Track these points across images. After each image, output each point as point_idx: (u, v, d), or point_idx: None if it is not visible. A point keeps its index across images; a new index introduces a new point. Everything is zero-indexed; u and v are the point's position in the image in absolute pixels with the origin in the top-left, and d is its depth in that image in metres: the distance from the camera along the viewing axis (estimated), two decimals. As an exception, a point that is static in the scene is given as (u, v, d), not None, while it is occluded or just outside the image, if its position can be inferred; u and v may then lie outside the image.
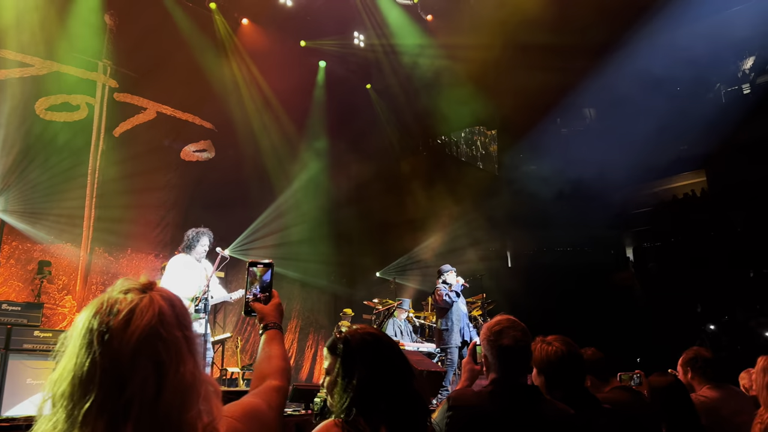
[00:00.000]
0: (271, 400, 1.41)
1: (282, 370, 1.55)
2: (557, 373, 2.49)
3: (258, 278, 1.77)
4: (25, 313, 6.36)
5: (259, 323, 1.72)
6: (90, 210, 9.02)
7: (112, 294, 1.11)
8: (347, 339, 1.76)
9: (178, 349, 1.08)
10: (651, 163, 16.25)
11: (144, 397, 1.01)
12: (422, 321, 10.47)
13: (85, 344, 1.04)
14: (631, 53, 13.22)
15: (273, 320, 1.71)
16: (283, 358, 1.60)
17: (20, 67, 8.42)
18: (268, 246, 11.06)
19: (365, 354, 1.72)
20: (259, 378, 1.51)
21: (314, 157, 12.33)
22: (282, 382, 1.50)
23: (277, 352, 1.60)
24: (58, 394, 1.03)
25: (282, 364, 1.57)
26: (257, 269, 1.78)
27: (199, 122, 10.77)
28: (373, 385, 1.65)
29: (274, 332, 1.68)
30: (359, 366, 1.68)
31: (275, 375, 1.51)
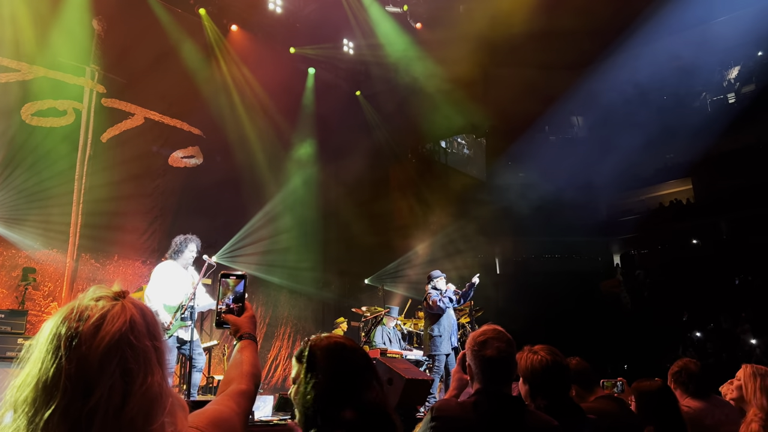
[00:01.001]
0: (237, 403, 1.40)
1: (249, 374, 1.54)
2: (542, 382, 2.50)
3: (231, 289, 1.75)
4: (8, 320, 6.31)
5: (233, 335, 1.70)
6: (77, 216, 8.95)
7: (82, 301, 1.09)
8: (312, 347, 1.74)
9: (147, 358, 1.07)
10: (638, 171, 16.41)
11: (109, 405, 0.99)
12: (410, 329, 10.46)
13: (52, 349, 1.01)
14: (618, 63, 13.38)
15: (247, 331, 1.70)
16: (252, 364, 1.59)
17: (5, 72, 8.35)
18: (256, 253, 11.03)
19: (328, 362, 1.69)
20: (226, 383, 1.50)
21: (303, 164, 12.33)
22: (248, 386, 1.49)
23: (248, 359, 1.59)
24: (20, 400, 1.01)
25: (250, 369, 1.56)
26: (230, 280, 1.76)
27: (187, 128, 10.73)
28: (332, 395, 1.63)
29: (247, 342, 1.67)
30: (320, 374, 1.66)
31: (241, 379, 1.50)
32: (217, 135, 10.82)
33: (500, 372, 2.27)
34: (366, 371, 1.73)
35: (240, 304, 1.74)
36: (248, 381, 1.51)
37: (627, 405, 3.06)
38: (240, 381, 1.49)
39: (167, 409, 1.08)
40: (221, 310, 1.73)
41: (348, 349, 1.76)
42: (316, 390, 1.63)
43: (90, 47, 9.36)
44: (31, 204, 8.37)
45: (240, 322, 1.71)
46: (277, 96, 11.61)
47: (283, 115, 11.96)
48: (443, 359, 7.76)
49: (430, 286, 8.10)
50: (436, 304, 7.79)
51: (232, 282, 1.76)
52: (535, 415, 2.28)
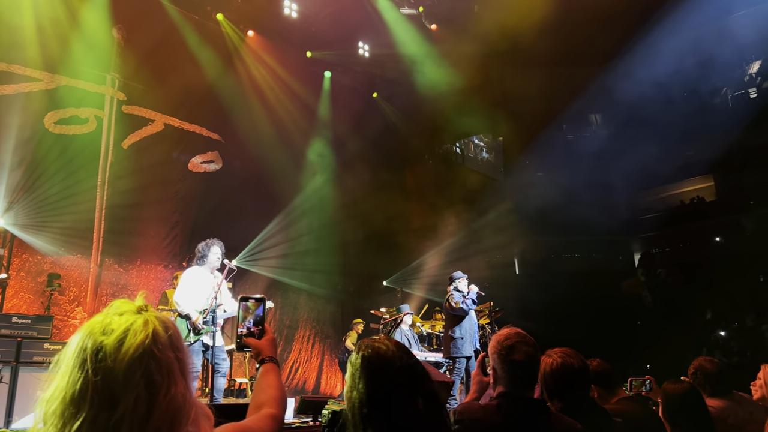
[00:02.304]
0: (268, 425, 1.43)
1: (278, 399, 1.57)
2: (554, 385, 2.50)
3: (251, 312, 1.77)
4: (35, 325, 6.40)
5: (255, 358, 1.73)
6: (99, 222, 9.09)
7: (106, 315, 1.12)
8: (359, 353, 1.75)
9: (171, 369, 1.09)
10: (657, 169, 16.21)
11: (135, 416, 1.02)
12: (429, 330, 10.45)
13: (79, 363, 1.05)
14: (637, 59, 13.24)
15: (269, 354, 1.72)
16: (279, 388, 1.61)
17: (29, 82, 8.52)
18: (275, 256, 11.12)
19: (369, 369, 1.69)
20: (256, 408, 1.52)
21: (320, 167, 12.39)
22: (278, 411, 1.52)
23: (274, 383, 1.62)
24: (49, 413, 1.04)
25: (278, 393, 1.59)
26: (250, 304, 1.78)
27: (206, 133, 10.84)
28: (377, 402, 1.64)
29: (270, 365, 1.69)
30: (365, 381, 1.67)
31: (270, 403, 1.53)
32: (236, 140, 10.92)
33: (527, 376, 2.27)
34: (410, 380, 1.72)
35: (260, 327, 1.76)
36: (278, 406, 1.54)
37: (650, 406, 3.03)
38: (270, 405, 1.52)
39: (191, 419, 1.11)
40: (242, 333, 1.75)
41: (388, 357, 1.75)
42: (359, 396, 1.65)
43: (110, 56, 9.52)
44: (56, 211, 8.53)
45: (261, 345, 1.73)
46: (293, 100, 11.69)
47: (300, 119, 12.03)
48: (464, 362, 7.73)
49: (452, 288, 8.06)
50: (459, 306, 7.75)
51: (252, 305, 1.78)
52: (558, 418, 2.27)
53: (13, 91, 8.32)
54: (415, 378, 1.74)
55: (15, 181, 8.11)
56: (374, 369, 1.69)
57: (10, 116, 8.09)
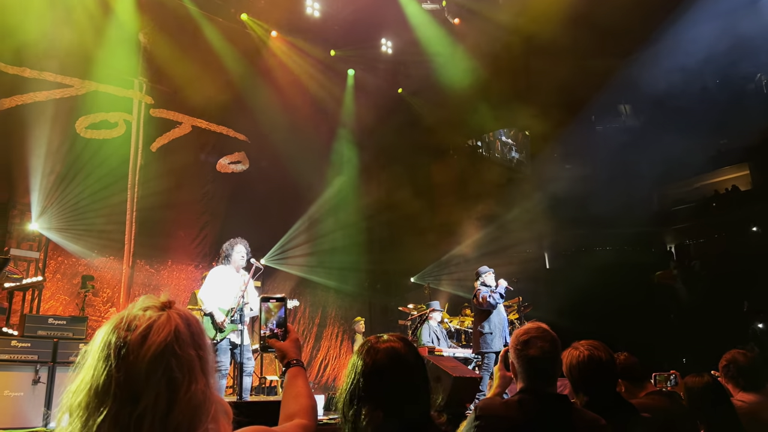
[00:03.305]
0: None
1: (309, 408, 1.55)
2: (580, 378, 2.47)
3: (273, 313, 1.74)
4: (70, 326, 6.53)
5: (280, 360, 1.71)
6: (131, 224, 9.28)
7: (131, 311, 1.14)
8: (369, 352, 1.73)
9: (191, 367, 1.10)
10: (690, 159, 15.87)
11: (155, 412, 1.04)
12: (457, 326, 10.41)
13: (103, 357, 1.07)
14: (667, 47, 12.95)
15: (294, 357, 1.70)
16: (309, 396, 1.60)
17: (60, 88, 8.73)
18: (302, 254, 11.20)
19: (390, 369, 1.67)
20: (287, 417, 1.51)
21: (345, 165, 12.43)
22: (309, 421, 1.51)
23: (303, 390, 1.60)
24: (75, 405, 1.06)
25: (308, 402, 1.57)
26: (271, 305, 1.75)
27: (233, 134, 10.97)
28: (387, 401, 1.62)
29: (297, 369, 1.67)
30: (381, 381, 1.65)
31: (302, 413, 1.52)
32: (262, 140, 11.02)
33: (544, 371, 2.25)
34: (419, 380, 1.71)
35: (283, 329, 1.74)
36: (310, 416, 1.53)
37: (679, 400, 2.96)
38: (302, 416, 1.51)
39: (211, 416, 1.11)
40: (265, 335, 1.73)
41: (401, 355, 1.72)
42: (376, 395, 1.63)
43: (137, 60, 9.70)
44: (88, 214, 8.73)
45: (286, 347, 1.71)
46: (318, 98, 11.74)
47: (324, 117, 12.09)
48: (493, 357, 7.67)
49: (479, 283, 8.01)
50: (486, 300, 7.69)
51: (273, 306, 1.75)
52: (581, 413, 2.24)
53: (45, 98, 8.53)
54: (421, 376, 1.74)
55: (48, 186, 8.32)
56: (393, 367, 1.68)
57: (43, 122, 8.30)
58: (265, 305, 1.74)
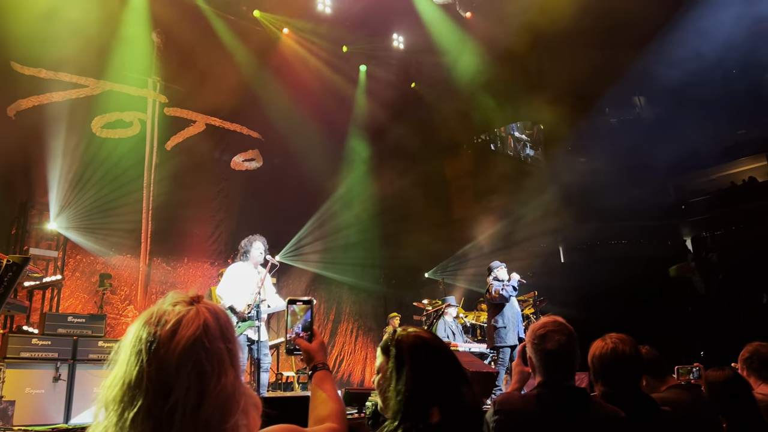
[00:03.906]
0: None
1: (339, 412, 1.56)
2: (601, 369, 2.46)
3: (299, 316, 1.74)
4: (89, 324, 6.61)
5: (306, 363, 1.71)
6: (147, 222, 9.37)
7: (161, 306, 1.16)
8: (399, 340, 1.75)
9: (221, 360, 1.12)
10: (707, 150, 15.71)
11: (187, 404, 1.05)
12: (473, 321, 10.40)
13: (135, 352, 1.09)
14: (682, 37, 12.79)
15: (321, 360, 1.70)
16: (338, 400, 1.60)
17: (76, 89, 8.82)
18: (317, 251, 11.24)
19: (416, 357, 1.69)
20: (317, 421, 1.51)
21: (359, 161, 12.44)
22: (340, 425, 1.51)
23: (332, 394, 1.60)
24: (109, 399, 1.09)
25: (338, 406, 1.57)
26: (297, 307, 1.75)
27: (246, 132, 11.02)
28: (424, 389, 1.63)
29: (324, 372, 1.67)
30: (409, 369, 1.66)
31: (332, 417, 1.52)
32: (275, 137, 11.06)
33: (561, 365, 2.24)
34: (457, 365, 1.73)
35: (309, 332, 1.73)
36: (341, 421, 1.53)
37: (701, 394, 2.94)
38: (333, 420, 1.51)
39: (241, 408, 1.13)
40: (291, 338, 1.73)
41: (435, 344, 1.76)
42: (408, 384, 1.63)
43: (151, 59, 9.76)
44: (105, 212, 8.83)
45: (313, 350, 1.71)
46: (330, 95, 11.75)
47: (337, 114, 12.09)
48: (508, 351, 7.66)
49: (491, 278, 8.00)
50: (499, 294, 7.67)
51: (299, 309, 1.75)
52: (600, 406, 2.24)
53: (62, 98, 8.63)
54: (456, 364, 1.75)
55: (66, 185, 8.42)
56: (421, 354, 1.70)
57: (60, 122, 8.39)
58: (291, 308, 1.74)
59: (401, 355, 1.70)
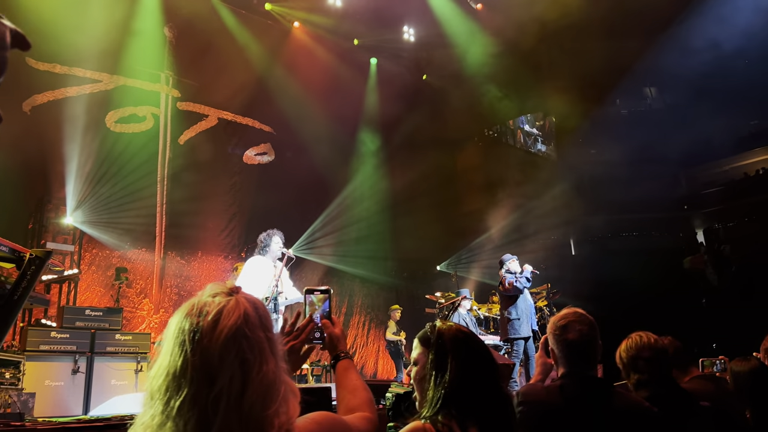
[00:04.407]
0: (364, 427, 1.42)
1: (368, 400, 1.55)
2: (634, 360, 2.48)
3: (317, 307, 1.72)
4: (106, 317, 6.66)
5: (330, 352, 1.70)
6: (161, 216, 9.44)
7: (201, 298, 1.18)
8: (440, 331, 1.74)
9: (261, 348, 1.15)
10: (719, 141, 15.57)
11: (231, 392, 1.08)
12: (485, 313, 10.41)
13: (178, 343, 1.12)
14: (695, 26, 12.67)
15: (343, 349, 1.69)
16: (366, 389, 1.59)
17: (90, 84, 8.88)
18: (329, 244, 11.27)
19: (459, 350, 1.69)
20: (348, 410, 1.51)
21: (370, 154, 12.44)
22: (373, 414, 1.51)
23: (359, 384, 1.60)
24: (155, 388, 1.12)
25: (367, 395, 1.57)
26: (315, 297, 1.73)
27: (258, 126, 11.05)
28: (465, 383, 1.63)
29: (348, 362, 1.67)
30: (452, 361, 1.66)
31: (364, 407, 1.52)
32: (287, 131, 11.08)
33: (583, 355, 2.25)
34: (492, 360, 1.74)
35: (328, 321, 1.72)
36: (372, 409, 1.53)
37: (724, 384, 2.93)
38: (365, 409, 1.51)
39: (281, 395, 1.16)
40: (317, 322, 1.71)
41: (475, 338, 1.77)
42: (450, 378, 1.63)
43: (163, 54, 9.79)
44: (120, 207, 8.90)
45: (337, 337, 1.70)
46: (341, 88, 11.75)
47: (348, 107, 12.08)
48: (522, 343, 7.66)
49: (504, 270, 7.99)
50: (513, 285, 7.67)
51: (317, 298, 1.73)
52: (623, 396, 2.25)
53: (76, 93, 8.69)
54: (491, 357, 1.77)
55: (82, 180, 8.48)
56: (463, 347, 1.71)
57: (75, 118, 8.45)
58: (309, 298, 1.73)
59: (444, 347, 1.70)
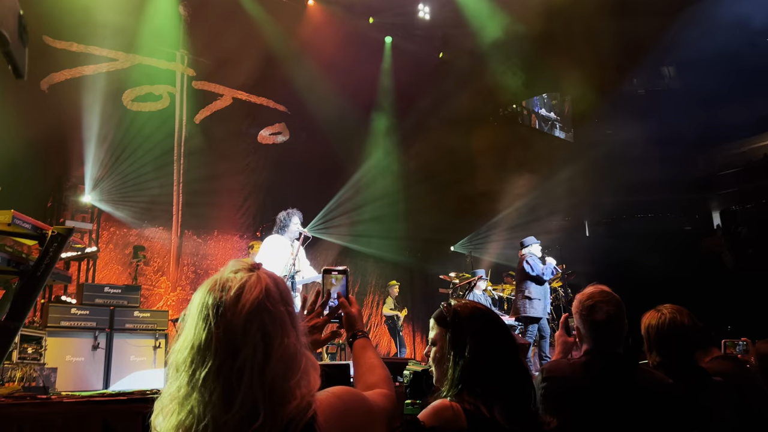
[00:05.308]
0: (382, 403, 1.43)
1: (387, 378, 1.56)
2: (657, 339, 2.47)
3: (335, 285, 1.74)
4: (125, 295, 6.74)
5: (347, 330, 1.72)
6: (178, 195, 9.51)
7: (223, 274, 1.22)
8: (457, 310, 1.75)
9: (283, 321, 1.19)
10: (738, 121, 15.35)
11: (254, 363, 1.13)
12: (499, 294, 10.42)
13: (202, 317, 1.16)
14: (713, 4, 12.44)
15: (360, 328, 1.70)
16: (383, 366, 1.60)
17: (106, 62, 8.90)
18: (344, 224, 11.30)
19: (476, 327, 1.69)
20: (366, 387, 1.52)
21: (384, 134, 12.39)
22: (391, 391, 1.52)
23: (377, 362, 1.61)
24: (180, 361, 1.17)
25: (384, 372, 1.58)
26: (333, 276, 1.74)
27: (273, 105, 11.04)
28: (485, 361, 1.64)
29: (365, 340, 1.68)
30: (469, 338, 1.66)
31: (382, 384, 1.52)
32: (302, 111, 11.06)
33: (610, 335, 2.24)
34: (511, 336, 1.74)
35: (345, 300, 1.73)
36: (391, 386, 1.54)
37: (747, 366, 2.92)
38: (383, 386, 1.52)
39: (302, 368, 1.20)
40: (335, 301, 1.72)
41: (492, 315, 1.77)
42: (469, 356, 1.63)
43: (178, 33, 9.77)
44: (138, 185, 8.97)
45: (354, 316, 1.71)
46: (356, 67, 11.67)
47: (363, 86, 12.01)
48: (536, 324, 7.68)
49: (526, 251, 7.98)
50: (541, 272, 7.65)
51: (335, 278, 1.74)
52: (648, 373, 2.25)
53: (93, 72, 8.71)
54: (509, 332, 1.76)
55: (100, 159, 8.55)
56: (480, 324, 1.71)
57: (92, 96, 8.48)
58: (326, 277, 1.75)
59: (461, 326, 1.71)
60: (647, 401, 2.11)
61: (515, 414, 1.58)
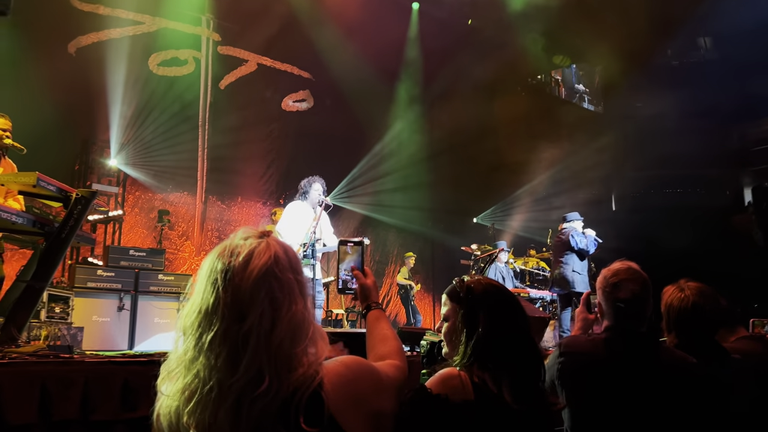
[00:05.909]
0: (393, 375, 1.42)
1: (399, 349, 1.57)
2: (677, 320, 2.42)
3: (351, 256, 1.76)
4: (149, 258, 6.84)
5: (361, 301, 1.72)
6: (202, 161, 9.58)
7: (233, 240, 1.23)
8: (470, 287, 1.72)
9: (291, 289, 1.20)
10: (776, 95, 14.88)
11: (261, 328, 1.14)
12: (522, 267, 10.36)
13: (211, 282, 1.18)
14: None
15: (375, 299, 1.71)
16: (396, 338, 1.61)
17: (133, 26, 8.90)
18: (366, 193, 11.28)
19: (489, 304, 1.67)
20: (378, 358, 1.52)
21: (410, 103, 12.25)
22: (403, 363, 1.51)
23: (389, 333, 1.61)
24: (188, 325, 1.19)
25: (396, 344, 1.59)
26: (349, 248, 1.76)
27: (297, 72, 10.96)
28: (497, 338, 1.62)
29: (379, 311, 1.68)
30: (482, 315, 1.64)
31: (394, 355, 1.53)
32: (326, 78, 10.96)
33: (634, 313, 2.19)
34: (523, 313, 1.72)
35: (361, 272, 1.75)
36: (402, 358, 1.54)
37: (772, 345, 2.86)
38: (394, 357, 1.52)
39: (309, 336, 1.21)
40: (343, 278, 1.75)
41: (505, 291, 1.75)
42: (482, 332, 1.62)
43: (204, -4, 9.71)
44: (163, 150, 9.05)
45: (369, 287, 1.72)
46: (382, 34, 11.48)
47: (388, 53, 11.83)
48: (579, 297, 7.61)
49: (567, 225, 7.91)
50: (586, 246, 7.59)
51: (351, 249, 1.77)
52: (669, 351, 2.21)
53: (119, 35, 8.73)
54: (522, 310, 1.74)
55: (126, 123, 8.62)
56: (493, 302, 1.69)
57: (119, 59, 8.52)
58: (343, 248, 1.77)
59: (474, 303, 1.68)
60: (670, 380, 2.08)
61: (523, 393, 1.57)
